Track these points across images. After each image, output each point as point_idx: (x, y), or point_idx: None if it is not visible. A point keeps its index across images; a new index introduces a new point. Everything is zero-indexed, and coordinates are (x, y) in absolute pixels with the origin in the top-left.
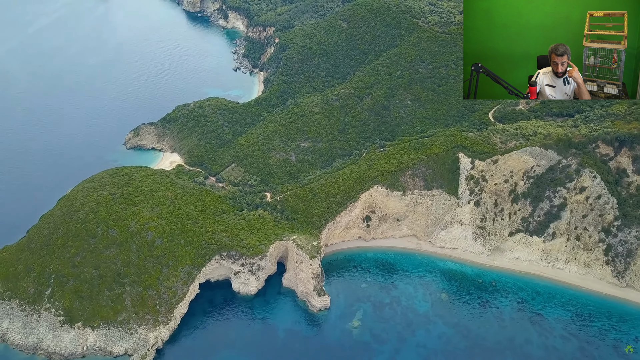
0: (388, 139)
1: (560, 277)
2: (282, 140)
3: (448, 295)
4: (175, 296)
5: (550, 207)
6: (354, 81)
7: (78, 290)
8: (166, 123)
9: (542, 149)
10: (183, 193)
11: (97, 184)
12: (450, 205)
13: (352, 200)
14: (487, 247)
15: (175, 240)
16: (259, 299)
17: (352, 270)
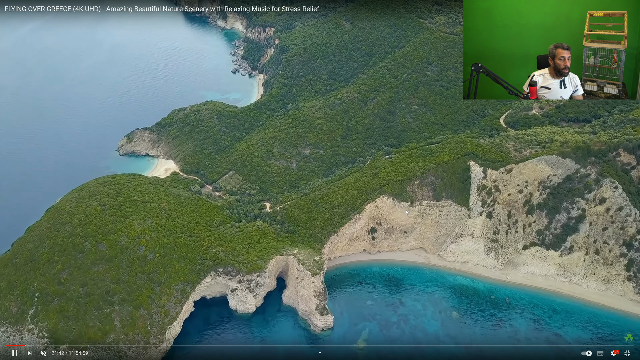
0: (394, 145)
1: (578, 293)
2: (282, 146)
3: (459, 313)
4: (168, 316)
5: (567, 219)
6: (357, 84)
7: (64, 310)
8: (161, 128)
9: (559, 157)
10: (177, 203)
11: (86, 194)
12: (460, 216)
13: (356, 211)
14: (500, 261)
15: (168, 255)
16: (257, 317)
17: (356, 286)
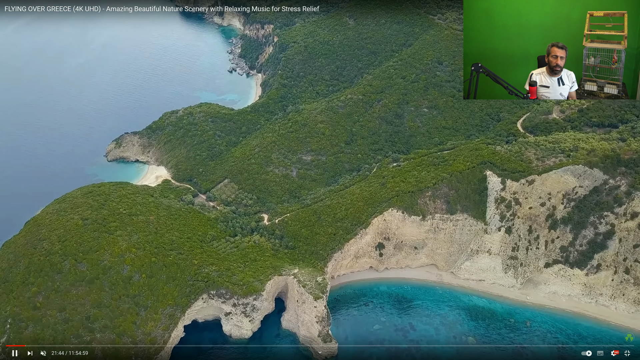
0: (402, 151)
1: (605, 315)
2: (281, 152)
3: (476, 338)
4: (155, 344)
5: (594, 235)
6: (362, 85)
7: (39, 338)
8: (152, 132)
9: (587, 168)
10: (167, 216)
11: (68, 205)
12: (476, 231)
13: (362, 225)
14: (519, 279)
15: (155, 276)
16: (254, 343)
17: (362, 307)
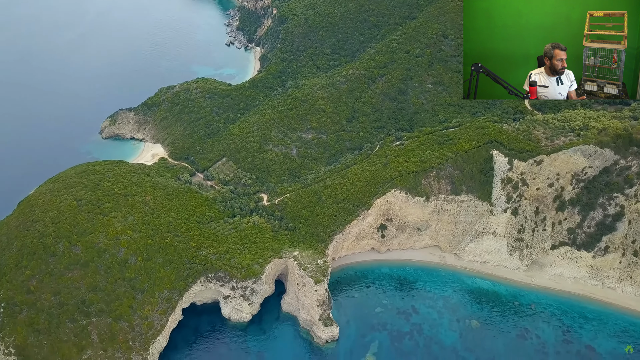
0: (405, 129)
1: (612, 298)
2: (280, 130)
3: (479, 322)
4: (152, 329)
5: (603, 216)
6: (364, 60)
7: (34, 322)
8: (147, 109)
9: (597, 148)
10: (164, 196)
11: (62, 185)
12: (481, 212)
13: (364, 207)
14: (524, 261)
15: (152, 259)
16: (253, 327)
17: (364, 290)
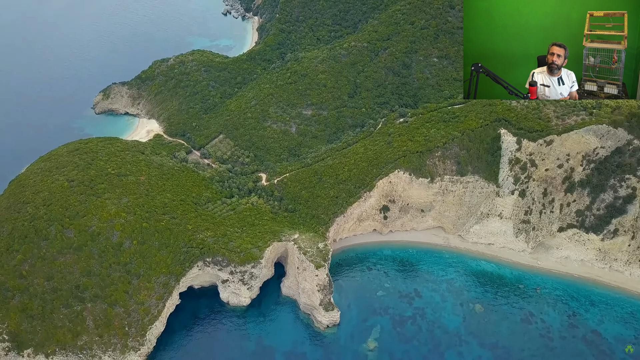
0: (409, 105)
1: (619, 281)
2: (279, 106)
3: (483, 306)
4: (149, 314)
5: (614, 198)
6: (367, 32)
7: (27, 308)
8: (141, 83)
9: (610, 127)
10: (159, 176)
11: (53, 164)
12: (487, 194)
13: (366, 188)
14: (530, 244)
15: (147, 243)
16: (253, 311)
17: (365, 272)
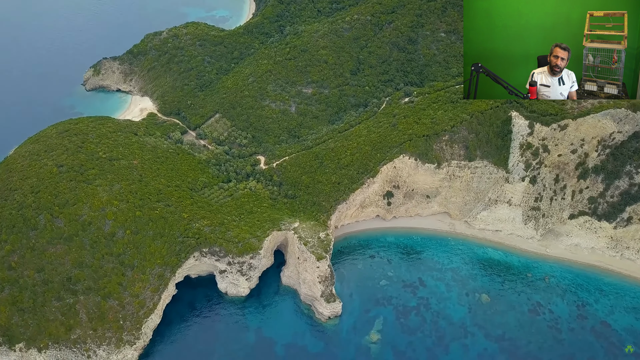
0: (415, 83)
1: (631, 270)
2: (278, 84)
3: (489, 296)
4: (144, 307)
5: (629, 185)
6: (370, 4)
7: (17, 301)
8: (133, 58)
9: (629, 111)
10: (153, 159)
11: (42, 147)
12: (496, 180)
13: (369, 174)
14: (539, 231)
15: (141, 232)
16: (252, 301)
17: (368, 260)
